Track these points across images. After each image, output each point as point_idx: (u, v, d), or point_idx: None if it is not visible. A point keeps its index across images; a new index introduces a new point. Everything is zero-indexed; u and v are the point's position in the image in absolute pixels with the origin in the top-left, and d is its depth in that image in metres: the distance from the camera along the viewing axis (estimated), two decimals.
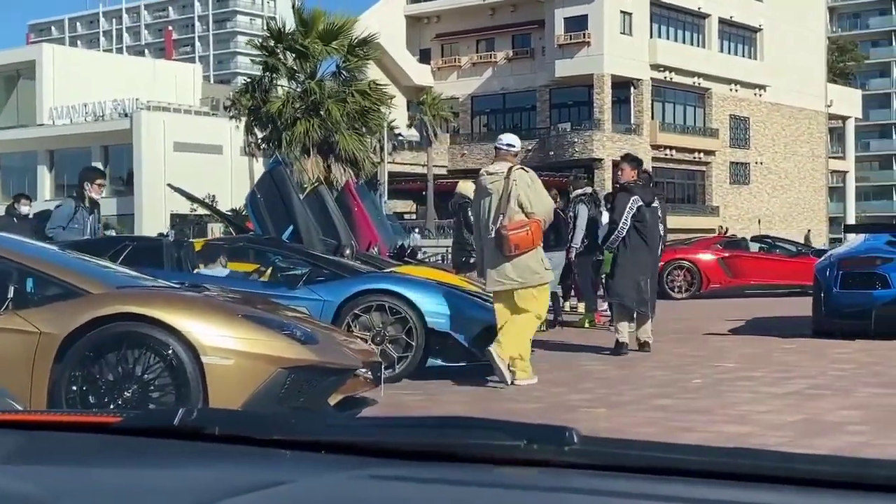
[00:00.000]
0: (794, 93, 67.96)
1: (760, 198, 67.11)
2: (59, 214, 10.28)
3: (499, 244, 8.36)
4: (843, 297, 11.62)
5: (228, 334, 5.69)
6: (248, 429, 1.52)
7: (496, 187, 8.47)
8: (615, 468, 1.27)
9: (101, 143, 61.85)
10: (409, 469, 1.32)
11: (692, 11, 62.51)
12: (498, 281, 8.47)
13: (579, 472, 1.28)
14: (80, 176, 10.96)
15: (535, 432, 1.32)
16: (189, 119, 62.07)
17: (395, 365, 8.65)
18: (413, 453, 1.36)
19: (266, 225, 10.32)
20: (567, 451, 1.29)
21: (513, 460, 1.31)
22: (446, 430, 1.42)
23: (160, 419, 1.60)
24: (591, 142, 56.45)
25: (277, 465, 1.37)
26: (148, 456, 1.47)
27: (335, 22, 27.22)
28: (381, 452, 1.38)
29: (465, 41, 63.28)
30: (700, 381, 8.64)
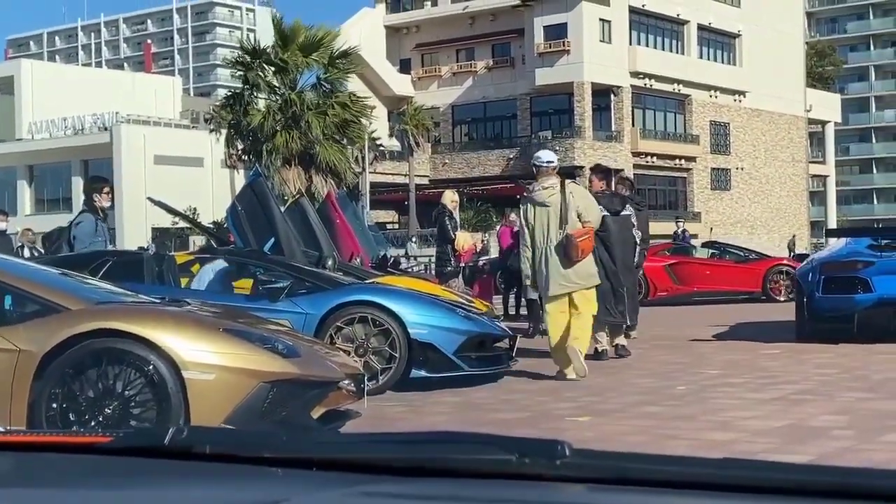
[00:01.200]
0: (773, 98, 68.25)
1: (742, 203, 67.34)
2: (84, 232, 10.11)
3: (568, 250, 9.34)
4: (825, 302, 11.66)
5: (209, 349, 5.65)
6: (238, 447, 1.52)
7: (554, 200, 9.46)
8: (607, 481, 1.27)
9: (81, 158, 61.59)
10: (400, 485, 1.32)
11: (671, 18, 62.71)
12: (563, 285, 9.42)
13: (571, 485, 1.28)
14: (86, 188, 10.82)
15: (527, 446, 1.32)
16: (169, 132, 61.93)
17: (378, 377, 8.62)
18: (404, 469, 1.35)
19: (247, 237, 10.27)
20: (559, 464, 1.29)
21: (505, 474, 1.31)
22: (437, 446, 1.42)
23: (150, 439, 1.59)
24: (572, 150, 56.47)
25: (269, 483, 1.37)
26: (138, 476, 1.46)
27: (315, 34, 27.19)
28: (373, 468, 1.37)
29: (445, 51, 63.32)
30: (684, 387, 8.63)
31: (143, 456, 1.51)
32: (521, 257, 9.77)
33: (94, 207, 10.25)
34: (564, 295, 9.45)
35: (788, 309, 12.73)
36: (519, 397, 8.41)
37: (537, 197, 9.60)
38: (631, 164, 59.12)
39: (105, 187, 10.55)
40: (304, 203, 14.80)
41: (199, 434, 1.59)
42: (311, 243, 13.84)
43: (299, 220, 14.27)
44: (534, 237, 9.59)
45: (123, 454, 1.53)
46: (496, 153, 59.94)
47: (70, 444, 1.64)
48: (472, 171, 59.96)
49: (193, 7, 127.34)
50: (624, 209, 11.22)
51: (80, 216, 10.28)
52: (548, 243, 9.50)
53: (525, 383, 9.21)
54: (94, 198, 10.28)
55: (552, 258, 9.45)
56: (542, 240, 9.54)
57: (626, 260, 11.18)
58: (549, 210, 9.51)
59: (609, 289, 10.65)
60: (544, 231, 9.53)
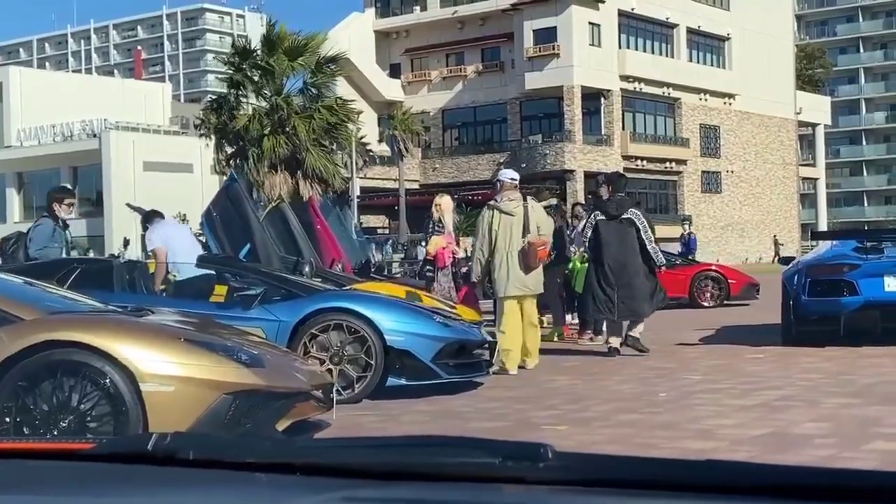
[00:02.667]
0: (763, 101, 68.19)
1: (732, 206, 67.26)
2: (41, 235, 9.98)
3: (528, 256, 10.41)
4: (811, 305, 11.58)
5: (168, 360, 5.46)
6: (222, 452, 1.51)
7: (518, 211, 10.55)
8: (591, 483, 1.27)
9: (70, 164, 61.42)
10: (384, 490, 1.31)
11: (660, 22, 62.64)
12: (519, 288, 10.50)
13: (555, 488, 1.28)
14: (48, 196, 10.67)
15: (511, 449, 1.33)
16: (158, 138, 61.74)
17: (354, 385, 8.43)
18: (388, 473, 1.35)
19: (223, 243, 10.08)
20: (542, 467, 1.28)
21: (489, 478, 1.31)
22: (421, 449, 1.42)
23: (133, 445, 1.58)
24: (562, 153, 56.37)
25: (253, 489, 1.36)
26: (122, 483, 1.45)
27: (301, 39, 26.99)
28: (356, 473, 1.37)
29: (435, 55, 63.19)
30: (666, 394, 8.45)
31: (126, 462, 1.50)
32: (475, 258, 10.83)
33: (54, 215, 10.05)
34: (518, 297, 10.55)
35: (775, 312, 12.55)
36: (497, 405, 8.23)
37: (504, 207, 10.61)
38: (621, 168, 58.92)
39: (67, 198, 10.34)
40: (284, 209, 14.64)
41: (183, 440, 1.56)
42: (291, 249, 13.68)
43: (280, 226, 14.11)
44: (496, 242, 10.56)
45: (106, 460, 1.52)
46: (486, 157, 59.78)
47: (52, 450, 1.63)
48: (463, 175, 59.81)
49: (184, 13, 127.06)
50: (625, 213, 11.49)
51: (41, 219, 10.11)
52: (510, 249, 10.52)
53: (504, 391, 9.02)
54: (53, 207, 10.08)
55: (513, 262, 10.49)
56: (504, 245, 10.54)
57: (623, 260, 11.35)
58: (513, 219, 10.56)
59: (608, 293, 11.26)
60: (507, 237, 10.54)
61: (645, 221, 11.58)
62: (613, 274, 11.26)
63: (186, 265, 9.46)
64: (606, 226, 11.37)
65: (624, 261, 11.33)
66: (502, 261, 10.50)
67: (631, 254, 11.38)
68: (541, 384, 9.44)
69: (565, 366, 10.86)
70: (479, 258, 10.70)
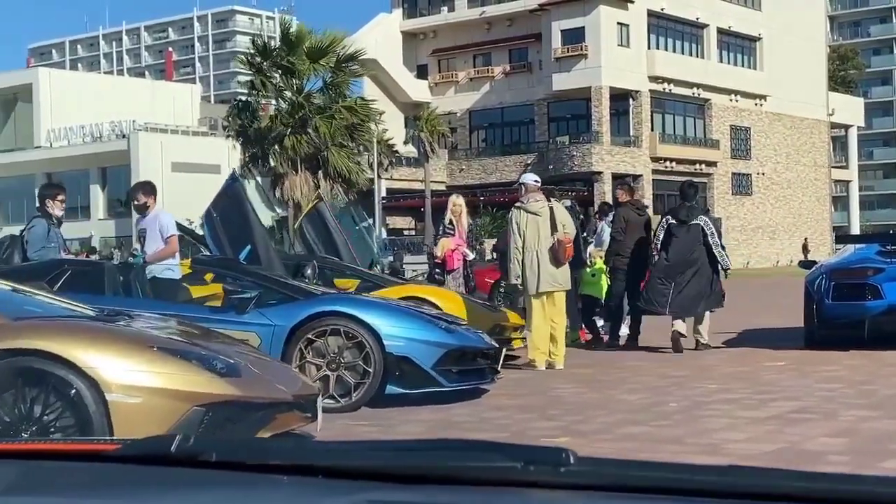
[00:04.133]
0: (795, 102, 67.43)
1: (763, 208, 66.56)
2: (37, 236, 9.75)
3: (558, 254, 10.81)
4: (835, 309, 11.46)
5: (137, 368, 5.15)
6: (245, 454, 1.51)
7: (544, 212, 10.98)
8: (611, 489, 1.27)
9: (98, 165, 61.62)
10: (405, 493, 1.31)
11: (690, 22, 62.05)
12: (551, 283, 10.88)
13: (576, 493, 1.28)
14: (39, 194, 10.49)
15: (532, 453, 1.33)
16: (186, 139, 61.77)
17: (351, 393, 8.11)
18: (409, 476, 1.34)
19: (223, 245, 9.78)
20: (563, 472, 1.28)
21: (509, 482, 1.30)
22: (443, 453, 1.41)
23: (157, 447, 1.57)
24: (589, 155, 55.91)
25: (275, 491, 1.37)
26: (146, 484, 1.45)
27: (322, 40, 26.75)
28: (378, 476, 1.36)
29: (462, 56, 62.89)
30: (676, 404, 8.07)
31: (149, 464, 1.50)
32: (511, 258, 11.02)
33: (47, 213, 9.81)
34: (548, 293, 10.89)
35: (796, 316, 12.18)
36: (499, 415, 7.88)
37: (530, 207, 11.03)
38: (650, 169, 58.55)
39: (59, 194, 10.14)
40: (322, 208, 14.30)
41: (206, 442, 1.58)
42: (330, 249, 13.36)
43: (320, 226, 13.77)
44: (525, 241, 10.93)
45: (130, 462, 1.52)
46: (513, 159, 59.40)
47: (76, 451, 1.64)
48: (490, 176, 59.48)
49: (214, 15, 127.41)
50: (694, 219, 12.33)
51: (33, 221, 9.87)
52: (539, 247, 10.87)
53: (509, 399, 8.67)
54: (46, 203, 9.86)
55: (543, 259, 10.85)
56: (533, 244, 10.90)
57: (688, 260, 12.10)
58: (539, 219, 10.96)
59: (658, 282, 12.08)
60: (536, 236, 10.91)
61: (713, 227, 12.38)
62: (674, 271, 11.98)
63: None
64: (677, 229, 12.18)
65: (689, 261, 12.03)
66: (532, 259, 10.86)
67: (696, 255, 12.08)
68: (547, 392, 9.09)
69: (576, 372, 10.50)
70: (517, 257, 10.95)
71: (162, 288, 8.84)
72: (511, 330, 11.64)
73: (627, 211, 12.96)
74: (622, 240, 12.71)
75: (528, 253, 10.90)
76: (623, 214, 12.90)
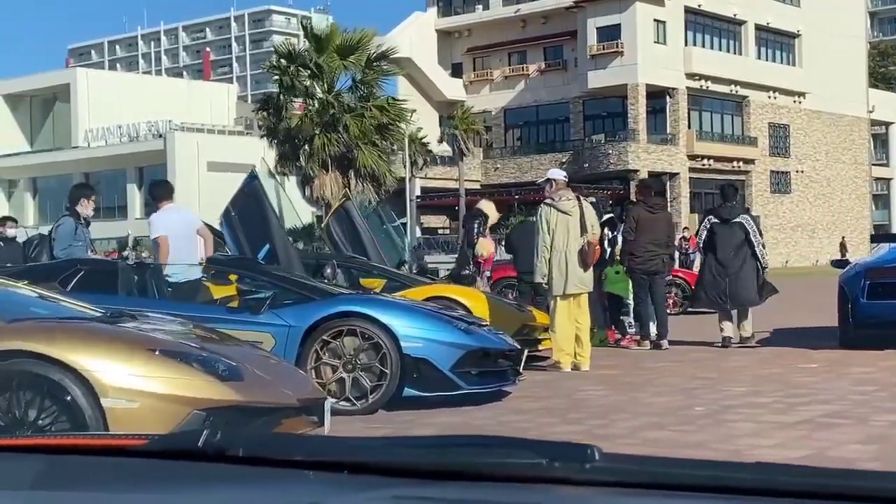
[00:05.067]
0: (834, 99, 66.54)
1: (802, 207, 65.79)
2: (64, 234, 9.74)
3: (588, 257, 10.61)
4: (871, 308, 11.35)
5: (135, 373, 4.98)
6: (271, 450, 1.52)
7: (575, 211, 10.61)
8: (637, 485, 1.26)
9: (135, 165, 61.87)
10: (431, 489, 1.31)
11: (728, 18, 61.41)
12: (578, 286, 10.62)
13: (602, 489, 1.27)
14: (71, 194, 10.40)
15: (557, 450, 1.32)
16: (222, 139, 61.90)
17: (368, 395, 7.92)
18: (435, 473, 1.34)
19: (241, 244, 9.62)
20: (589, 468, 1.28)
21: (534, 478, 1.30)
22: (468, 449, 1.41)
23: (184, 442, 1.59)
24: (625, 153, 55.48)
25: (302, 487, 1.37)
26: (173, 479, 1.46)
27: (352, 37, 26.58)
28: (403, 472, 1.36)
29: (497, 54, 62.61)
30: (703, 408, 7.81)
31: (177, 459, 1.51)
32: (539, 256, 10.61)
33: (77, 213, 9.73)
34: (575, 295, 10.63)
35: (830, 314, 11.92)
36: (519, 419, 7.66)
37: (562, 206, 10.61)
38: (687, 168, 58.03)
39: (92, 195, 10.07)
40: (349, 207, 14.15)
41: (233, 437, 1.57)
42: (358, 248, 13.19)
43: (347, 225, 13.63)
44: (554, 241, 10.55)
45: (158, 457, 1.53)
46: (549, 157, 58.99)
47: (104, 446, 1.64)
48: (525, 175, 59.08)
49: (251, 15, 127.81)
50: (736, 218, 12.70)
51: (62, 219, 9.81)
52: (567, 247, 10.52)
53: (531, 401, 8.44)
54: (80, 203, 9.79)
55: (571, 260, 10.52)
56: (562, 244, 10.53)
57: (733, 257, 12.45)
58: (569, 219, 10.58)
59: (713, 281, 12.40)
60: (565, 236, 10.54)
61: (755, 226, 12.74)
62: (724, 268, 12.31)
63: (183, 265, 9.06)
64: (720, 228, 12.48)
65: (733, 258, 12.35)
66: (561, 259, 10.53)
67: (740, 252, 12.41)
68: (572, 394, 8.85)
69: (603, 374, 10.26)
70: (545, 256, 10.60)
71: (177, 288, 8.69)
72: (539, 330, 11.43)
73: (638, 209, 12.73)
74: (633, 239, 12.47)
75: (557, 253, 10.55)
76: (633, 213, 12.68)
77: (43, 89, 68.08)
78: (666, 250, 12.78)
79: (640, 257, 12.48)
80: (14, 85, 69.28)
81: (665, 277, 13.38)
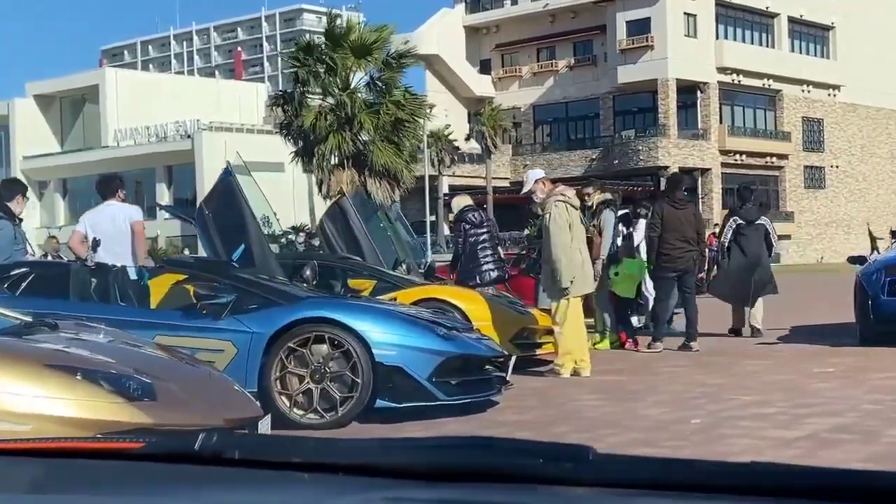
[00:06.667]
0: (871, 92, 65.29)
1: (837, 202, 64.63)
2: (5, 239, 9.02)
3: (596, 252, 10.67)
4: (891, 304, 11.15)
5: (27, 392, 4.40)
6: (267, 452, 1.53)
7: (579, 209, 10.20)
8: (630, 485, 1.27)
9: (164, 164, 61.74)
10: (425, 491, 1.32)
11: (760, 11, 60.39)
12: (590, 285, 10.35)
13: (596, 490, 1.28)
14: (4, 190, 9.50)
15: (553, 450, 1.33)
16: (251, 138, 61.50)
17: (338, 407, 7.31)
18: (429, 474, 1.35)
19: (215, 245, 9.02)
20: (583, 468, 1.28)
21: (530, 478, 1.30)
22: (463, 451, 1.42)
23: (181, 444, 1.60)
24: (656, 149, 54.62)
25: (296, 488, 1.38)
26: (170, 481, 1.46)
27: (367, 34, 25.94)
28: (398, 473, 1.37)
29: (526, 50, 61.90)
30: (700, 421, 7.14)
31: (174, 461, 1.52)
32: (563, 258, 9.74)
33: (11, 214, 9.08)
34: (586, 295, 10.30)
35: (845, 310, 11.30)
36: (499, 432, 7.01)
37: (574, 202, 10.10)
38: (719, 163, 57.12)
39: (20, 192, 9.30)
40: (344, 204, 13.61)
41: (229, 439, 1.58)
42: (352, 247, 12.65)
43: (341, 223, 13.09)
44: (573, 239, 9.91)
45: (155, 460, 1.54)
46: (578, 153, 58.31)
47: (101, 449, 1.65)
48: (554, 171, 58.06)
49: (282, 14, 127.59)
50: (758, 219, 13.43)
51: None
52: (581, 245, 10.05)
53: (516, 413, 7.80)
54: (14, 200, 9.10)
55: (586, 258, 10.13)
56: (578, 242, 10.00)
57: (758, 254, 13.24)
58: (578, 215, 10.15)
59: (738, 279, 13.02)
60: (580, 234, 10.11)
61: (772, 226, 13.62)
62: (752, 266, 12.97)
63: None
64: (746, 229, 13.11)
65: (759, 255, 13.09)
66: (578, 258, 9.98)
67: (762, 250, 13.15)
68: (563, 404, 8.20)
69: (604, 380, 9.59)
70: (569, 257, 9.79)
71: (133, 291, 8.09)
72: (541, 333, 10.79)
73: (662, 205, 12.13)
74: (657, 236, 11.93)
75: (576, 252, 9.92)
76: (657, 209, 12.10)
77: (73, 90, 68.16)
78: (696, 247, 12.14)
79: (669, 255, 11.86)
80: (44, 86, 69.41)
81: (695, 276, 12.82)
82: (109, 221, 9.40)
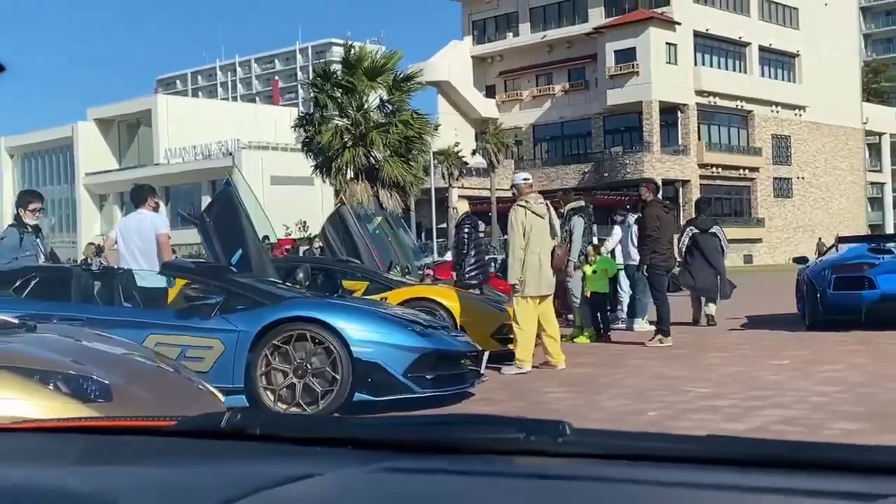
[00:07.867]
0: (831, 112, 64.66)
1: (803, 210, 63.96)
2: (6, 248, 8.58)
3: (558, 260, 9.92)
4: (836, 298, 11.78)
5: None
6: (285, 429, 1.55)
7: (546, 215, 9.62)
8: (604, 456, 1.27)
9: (208, 179, 61.52)
10: (420, 461, 1.33)
11: (733, 41, 59.81)
12: (547, 287, 9.66)
13: (573, 460, 1.28)
14: (16, 201, 9.13)
15: (532, 425, 1.33)
16: (284, 155, 61.33)
17: (319, 401, 6.87)
18: (425, 447, 1.37)
19: (216, 251, 8.61)
20: (561, 441, 1.29)
21: (514, 451, 1.31)
22: (454, 426, 1.43)
23: (208, 422, 1.59)
24: (641, 163, 54.11)
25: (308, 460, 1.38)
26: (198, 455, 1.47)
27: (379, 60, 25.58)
28: (398, 447, 1.38)
29: (526, 76, 61.46)
30: (655, 413, 6.67)
31: (201, 437, 1.54)
32: (514, 258, 9.50)
33: (22, 222, 8.64)
34: (542, 297, 9.59)
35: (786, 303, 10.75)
36: None
37: (535, 208, 9.57)
38: (697, 175, 56.54)
39: (32, 203, 8.76)
40: (344, 213, 13.27)
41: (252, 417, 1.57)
42: (352, 253, 12.33)
43: (341, 231, 12.78)
44: (529, 243, 9.47)
45: (185, 436, 1.56)
46: (573, 167, 57.87)
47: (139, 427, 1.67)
48: (552, 183, 57.62)
49: (314, 47, 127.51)
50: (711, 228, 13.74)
51: (5, 231, 8.71)
52: (541, 250, 9.52)
53: (484, 406, 7.34)
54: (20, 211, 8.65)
55: (545, 262, 9.56)
56: (537, 245, 9.50)
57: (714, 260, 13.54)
58: (542, 222, 9.57)
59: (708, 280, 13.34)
60: (539, 238, 9.53)
61: (724, 233, 13.90)
62: (712, 267, 13.30)
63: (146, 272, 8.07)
64: (701, 237, 13.42)
65: (715, 260, 13.39)
66: (535, 261, 9.47)
67: (717, 256, 13.47)
68: (531, 397, 7.73)
69: (575, 372, 9.12)
70: (521, 257, 9.44)
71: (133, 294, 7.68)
72: None
73: (657, 208, 11.61)
74: (658, 237, 11.39)
75: (532, 255, 9.43)
76: (654, 212, 11.54)
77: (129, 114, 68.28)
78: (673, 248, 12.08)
79: (664, 254, 11.41)
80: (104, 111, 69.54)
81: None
82: (136, 228, 8.98)
